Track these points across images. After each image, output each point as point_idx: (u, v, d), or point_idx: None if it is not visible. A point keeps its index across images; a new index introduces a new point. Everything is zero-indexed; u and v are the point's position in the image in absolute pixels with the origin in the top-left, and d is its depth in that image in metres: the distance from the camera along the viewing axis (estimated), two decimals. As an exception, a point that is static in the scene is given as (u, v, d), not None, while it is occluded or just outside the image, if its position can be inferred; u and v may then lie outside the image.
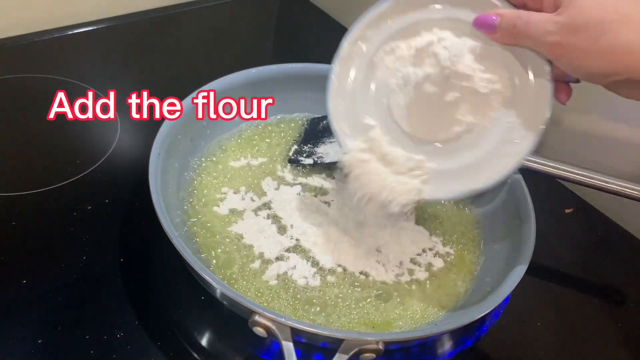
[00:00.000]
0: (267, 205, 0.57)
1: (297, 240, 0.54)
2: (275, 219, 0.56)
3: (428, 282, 0.53)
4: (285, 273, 0.52)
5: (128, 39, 0.83)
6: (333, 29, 0.91)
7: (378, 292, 0.52)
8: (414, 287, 0.53)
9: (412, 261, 0.55)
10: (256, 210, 0.57)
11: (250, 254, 0.53)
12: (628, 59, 0.37)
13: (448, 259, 0.56)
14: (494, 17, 0.43)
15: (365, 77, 0.51)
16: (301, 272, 0.52)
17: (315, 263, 0.53)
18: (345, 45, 0.51)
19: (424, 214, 0.60)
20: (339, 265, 0.53)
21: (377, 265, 0.54)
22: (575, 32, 0.39)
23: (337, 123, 0.52)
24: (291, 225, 0.55)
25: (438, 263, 0.55)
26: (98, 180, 0.60)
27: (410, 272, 0.54)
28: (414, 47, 0.48)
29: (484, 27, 0.44)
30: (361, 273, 0.53)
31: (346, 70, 0.52)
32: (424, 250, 0.56)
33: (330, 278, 0.52)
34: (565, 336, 0.54)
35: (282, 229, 0.55)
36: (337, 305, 0.50)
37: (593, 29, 0.38)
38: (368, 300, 0.51)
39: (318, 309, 0.49)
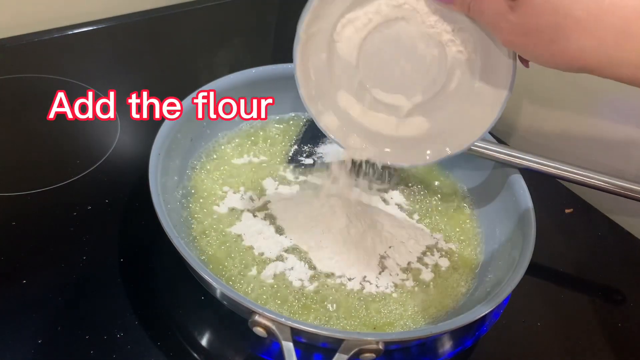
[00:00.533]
0: (266, 206, 0.57)
1: (296, 241, 0.54)
2: (274, 219, 0.56)
3: (432, 282, 0.53)
4: (283, 273, 0.51)
5: (128, 39, 0.83)
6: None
7: (378, 293, 0.52)
8: (416, 288, 0.53)
9: (419, 261, 0.55)
10: (255, 211, 0.57)
11: (250, 254, 0.53)
12: (582, 63, 0.36)
13: (453, 258, 0.56)
14: None
15: (328, 55, 0.50)
16: (299, 274, 0.52)
17: (313, 265, 0.53)
18: (301, 31, 0.49)
19: (426, 213, 0.60)
20: (339, 266, 0.53)
21: (379, 265, 0.54)
22: (526, 34, 0.37)
23: (315, 109, 0.52)
24: (290, 226, 0.55)
25: (444, 263, 0.55)
26: (98, 180, 0.60)
27: (414, 272, 0.54)
28: (378, 10, 0.46)
29: None
30: (361, 274, 0.53)
31: (309, 55, 0.50)
32: (428, 248, 0.56)
33: (330, 280, 0.52)
34: (565, 336, 0.54)
35: (280, 230, 0.55)
36: (338, 306, 0.50)
37: (544, 34, 0.36)
38: (369, 300, 0.51)
39: (319, 309, 0.49)
